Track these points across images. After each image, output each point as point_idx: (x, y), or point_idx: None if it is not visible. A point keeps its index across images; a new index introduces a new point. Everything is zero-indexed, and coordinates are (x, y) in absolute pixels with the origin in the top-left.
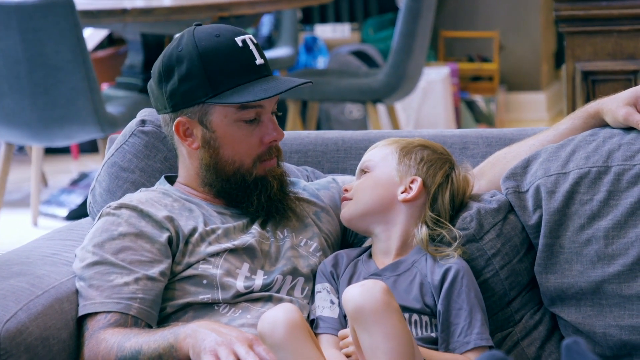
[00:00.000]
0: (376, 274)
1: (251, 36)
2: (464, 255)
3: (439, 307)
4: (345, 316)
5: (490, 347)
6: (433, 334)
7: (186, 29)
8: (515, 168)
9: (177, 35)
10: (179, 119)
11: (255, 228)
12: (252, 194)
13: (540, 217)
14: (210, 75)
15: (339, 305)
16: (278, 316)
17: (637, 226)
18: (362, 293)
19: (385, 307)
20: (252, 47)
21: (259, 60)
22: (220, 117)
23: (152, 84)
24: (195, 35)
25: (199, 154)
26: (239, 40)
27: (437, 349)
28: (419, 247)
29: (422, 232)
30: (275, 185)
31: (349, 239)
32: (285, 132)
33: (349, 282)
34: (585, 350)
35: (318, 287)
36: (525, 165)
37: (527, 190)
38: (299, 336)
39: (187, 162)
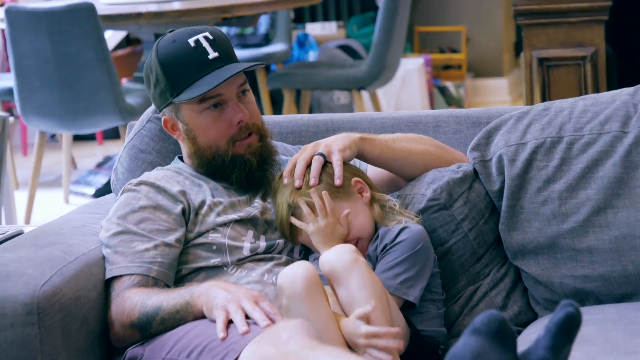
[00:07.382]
0: None
1: (207, 34)
2: (421, 222)
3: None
4: None
5: (409, 303)
6: None
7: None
8: (478, 139)
9: None
10: (164, 117)
11: (258, 201)
12: (232, 172)
13: (503, 182)
14: (170, 77)
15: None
16: (297, 272)
17: (587, 188)
18: (335, 254)
19: (353, 262)
20: (205, 44)
21: (212, 55)
22: (188, 111)
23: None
24: (158, 44)
25: (185, 143)
26: (191, 41)
27: None
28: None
29: (376, 211)
30: (254, 160)
31: None
32: (281, 117)
33: None
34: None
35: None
36: (487, 136)
37: (491, 159)
38: (315, 291)
39: (184, 149)
